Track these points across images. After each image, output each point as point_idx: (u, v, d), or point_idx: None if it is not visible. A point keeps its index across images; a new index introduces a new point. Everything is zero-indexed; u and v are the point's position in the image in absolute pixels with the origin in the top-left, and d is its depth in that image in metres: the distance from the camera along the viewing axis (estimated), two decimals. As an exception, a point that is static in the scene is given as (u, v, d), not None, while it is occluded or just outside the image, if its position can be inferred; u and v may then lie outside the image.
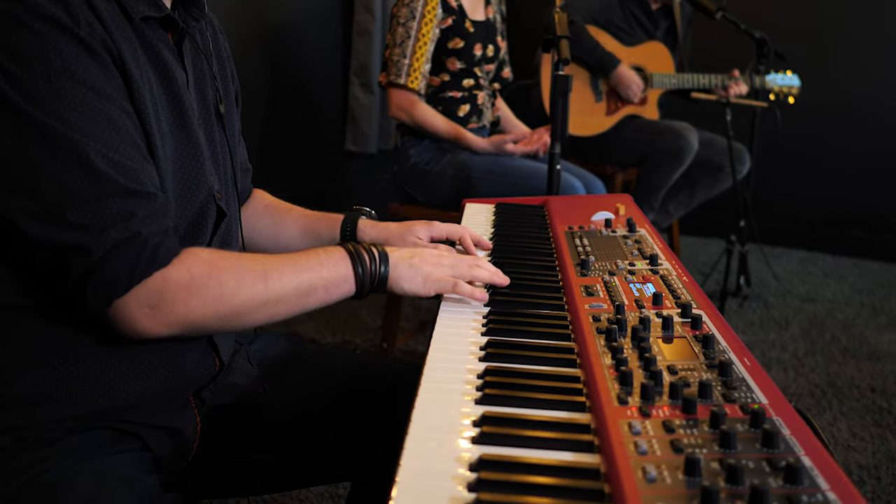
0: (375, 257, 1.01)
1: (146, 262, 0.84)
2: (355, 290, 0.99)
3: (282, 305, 0.94)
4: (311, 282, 0.95)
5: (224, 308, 0.89)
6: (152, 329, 0.86)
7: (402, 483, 0.66)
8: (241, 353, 1.16)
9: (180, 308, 0.86)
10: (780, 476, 0.63)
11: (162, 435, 0.96)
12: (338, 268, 0.98)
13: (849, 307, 3.23)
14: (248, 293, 0.90)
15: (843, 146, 3.96)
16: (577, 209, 1.55)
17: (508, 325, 1.00)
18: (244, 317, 0.92)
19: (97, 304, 0.83)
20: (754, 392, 0.78)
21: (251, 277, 0.91)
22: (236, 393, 1.10)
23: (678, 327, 0.95)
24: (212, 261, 0.90)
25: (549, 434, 0.74)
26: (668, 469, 0.65)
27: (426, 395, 0.82)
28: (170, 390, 0.97)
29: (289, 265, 0.95)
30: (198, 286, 0.87)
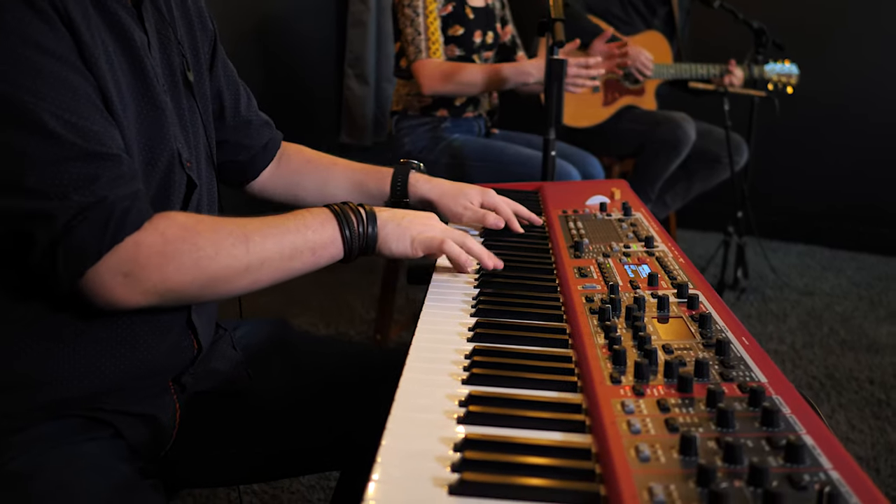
0: (363, 218, 0.96)
1: (115, 227, 0.79)
2: (343, 252, 0.95)
3: (265, 270, 0.89)
4: (296, 244, 0.91)
5: (203, 274, 0.84)
6: (128, 298, 0.81)
7: (384, 464, 0.62)
8: (225, 338, 1.13)
9: (155, 274, 0.81)
10: (781, 455, 0.60)
11: (137, 422, 0.92)
12: (324, 230, 0.93)
13: (847, 300, 3.20)
14: (227, 258, 0.86)
15: (841, 139, 3.93)
16: (572, 194, 1.52)
17: (498, 307, 0.96)
18: (225, 283, 0.87)
19: (69, 276, 0.78)
20: (753, 371, 0.74)
21: (231, 241, 0.86)
22: (219, 379, 1.06)
23: (674, 307, 0.91)
24: (187, 224, 0.85)
25: (538, 414, 0.70)
26: (663, 448, 0.61)
27: (411, 375, 0.78)
28: (145, 376, 0.93)
29: (271, 227, 0.90)
30: (173, 251, 0.82)
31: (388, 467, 0.62)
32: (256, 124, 1.20)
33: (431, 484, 0.60)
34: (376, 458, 0.62)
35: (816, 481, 0.56)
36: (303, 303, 3.01)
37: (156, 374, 0.95)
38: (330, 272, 3.79)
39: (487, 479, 0.60)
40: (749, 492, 0.55)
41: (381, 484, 0.59)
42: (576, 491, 0.59)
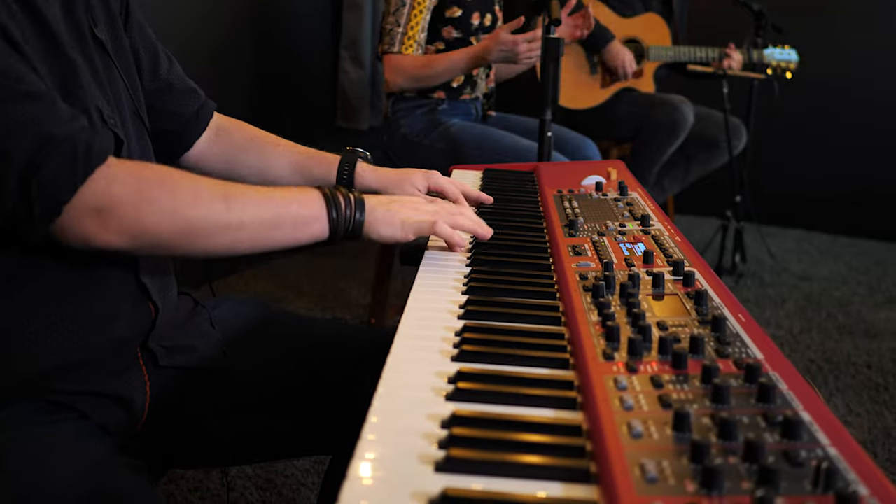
0: (351, 203, 0.94)
1: (84, 159, 0.77)
2: (328, 233, 0.93)
3: (244, 234, 0.86)
4: (279, 215, 0.88)
5: (179, 221, 0.82)
6: (102, 237, 0.79)
7: (368, 441, 0.60)
8: (203, 314, 1.11)
9: (130, 212, 0.79)
10: (777, 431, 0.58)
11: (104, 402, 0.90)
12: (311, 206, 0.91)
13: (845, 285, 3.19)
14: (206, 210, 0.83)
15: (841, 123, 3.91)
16: (568, 174, 1.50)
17: (490, 284, 0.94)
18: (203, 237, 0.84)
19: (46, 215, 0.76)
20: (749, 347, 0.73)
21: (209, 195, 0.84)
22: (195, 356, 1.04)
23: (669, 285, 0.89)
24: (163, 170, 0.84)
25: (529, 391, 0.68)
26: (656, 424, 0.60)
27: (399, 352, 0.76)
28: (106, 346, 0.90)
29: (254, 193, 0.88)
30: (148, 191, 0.80)
31: (373, 445, 0.60)
32: (179, 89, 1.15)
33: (418, 461, 0.58)
34: (360, 435, 0.61)
35: (814, 457, 0.54)
36: (297, 288, 2.99)
37: (117, 342, 0.92)
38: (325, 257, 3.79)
39: (474, 455, 0.58)
40: (744, 468, 0.54)
41: (364, 462, 0.57)
42: (566, 468, 0.57)
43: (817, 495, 0.50)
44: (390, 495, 0.54)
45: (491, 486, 0.55)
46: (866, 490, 0.51)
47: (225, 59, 3.00)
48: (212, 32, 2.91)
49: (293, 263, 3.27)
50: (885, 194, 3.88)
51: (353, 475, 0.56)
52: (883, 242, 3.84)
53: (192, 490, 1.78)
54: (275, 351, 1.12)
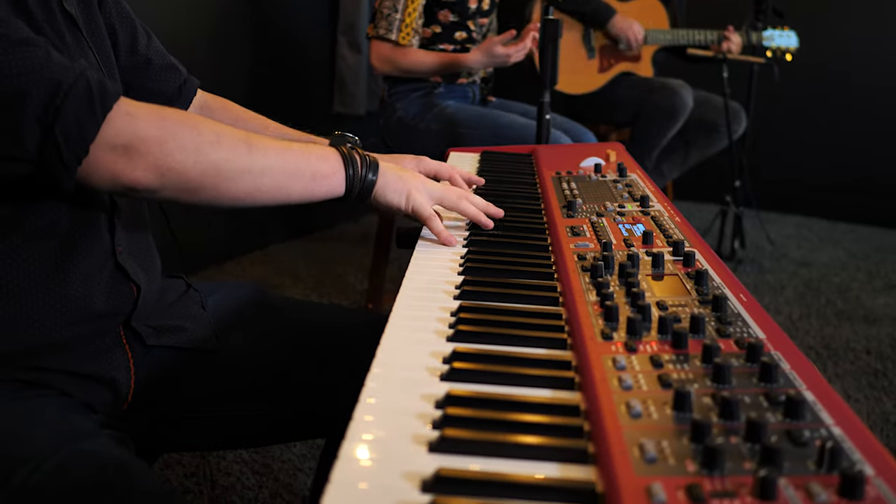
0: (367, 162, 0.96)
1: (101, 95, 0.76)
2: (343, 189, 0.94)
3: (266, 180, 0.87)
4: (299, 164, 0.90)
5: (204, 160, 0.82)
6: (131, 174, 0.78)
7: (359, 421, 0.59)
8: (194, 297, 1.09)
9: (156, 148, 0.79)
10: (780, 411, 0.56)
11: (86, 383, 0.88)
12: (328, 161, 0.93)
13: (844, 271, 3.17)
14: (229, 152, 0.84)
15: (842, 108, 3.88)
16: (567, 156, 1.48)
17: (487, 265, 0.93)
18: (227, 180, 0.85)
19: (75, 156, 0.75)
20: (751, 327, 0.71)
21: (231, 139, 0.85)
22: (184, 337, 1.02)
23: (669, 265, 0.88)
24: (183, 113, 0.85)
25: (525, 371, 0.67)
26: (656, 404, 0.58)
27: (393, 331, 0.75)
28: (86, 325, 0.88)
29: (273, 142, 0.89)
30: (172, 128, 0.80)
31: (366, 425, 0.59)
32: (159, 65, 1.12)
33: (411, 441, 0.57)
34: (353, 416, 0.59)
35: (817, 437, 0.53)
36: (294, 274, 2.98)
37: (96, 322, 0.90)
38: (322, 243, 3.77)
39: (469, 435, 0.56)
40: (746, 448, 0.52)
41: (357, 443, 0.56)
42: (563, 448, 0.56)
43: (821, 475, 0.49)
44: (383, 476, 0.52)
45: (486, 467, 0.54)
46: (872, 470, 0.49)
47: (222, 45, 2.96)
48: (209, 18, 2.88)
49: (290, 249, 3.26)
50: (885, 181, 3.86)
51: (344, 456, 0.54)
52: (882, 229, 3.82)
53: (189, 475, 1.77)
54: (269, 335, 1.10)
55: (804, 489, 0.48)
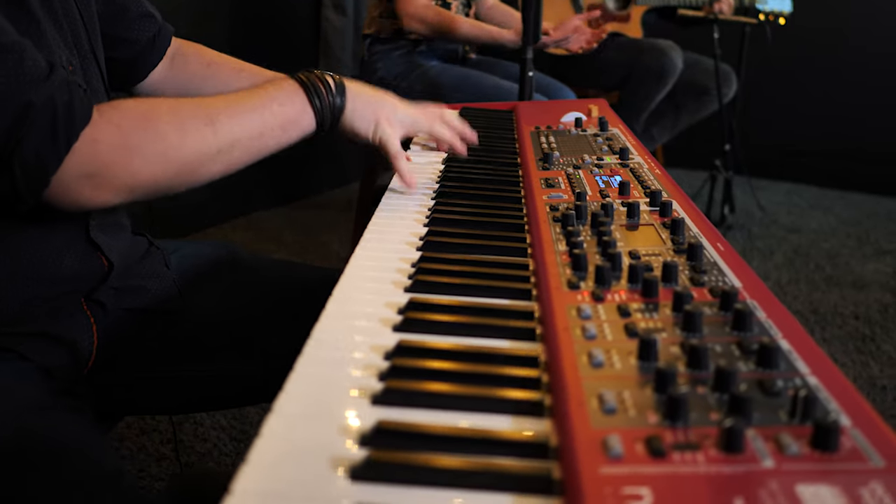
0: (332, 87, 0.90)
1: (66, 126, 0.70)
2: (315, 124, 0.89)
3: (237, 152, 0.83)
4: (265, 121, 0.84)
5: (172, 164, 0.78)
6: (98, 198, 0.74)
7: (299, 373, 0.55)
8: (157, 256, 1.04)
9: (121, 171, 0.74)
10: (753, 360, 0.52)
11: (44, 344, 0.84)
12: (293, 102, 0.87)
13: (834, 237, 3.14)
14: (195, 143, 0.79)
15: (835, 72, 3.82)
16: (548, 112, 1.43)
17: (455, 216, 0.88)
18: (198, 170, 0.81)
19: (33, 191, 0.71)
20: (727, 276, 0.67)
21: (195, 124, 0.80)
22: (147, 298, 0.97)
23: (645, 215, 0.83)
24: (142, 111, 0.78)
25: (484, 320, 0.63)
26: (619, 354, 0.54)
27: (348, 282, 0.70)
28: (50, 294, 0.84)
29: (236, 105, 0.83)
30: (136, 143, 0.75)
31: (306, 377, 0.54)
32: (135, 13, 1.06)
33: (355, 393, 0.52)
34: (293, 367, 0.55)
35: (791, 387, 0.49)
36: (278, 240, 2.93)
37: (62, 292, 0.86)
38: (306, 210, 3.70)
39: (416, 387, 0.52)
40: (714, 398, 0.48)
41: (292, 396, 0.52)
42: (517, 400, 0.51)
43: (794, 426, 0.45)
44: (318, 430, 0.48)
45: (432, 420, 0.50)
46: (848, 420, 0.45)
47: (203, 7, 2.88)
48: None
49: (275, 216, 3.20)
50: (876, 148, 3.81)
51: (278, 409, 0.50)
52: (873, 196, 3.78)
53: (165, 442, 1.74)
54: (237, 292, 1.05)
55: (774, 440, 0.43)
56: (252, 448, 0.45)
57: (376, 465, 0.44)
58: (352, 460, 0.44)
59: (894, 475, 0.40)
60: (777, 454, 0.42)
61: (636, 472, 0.41)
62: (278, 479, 0.43)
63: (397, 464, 0.44)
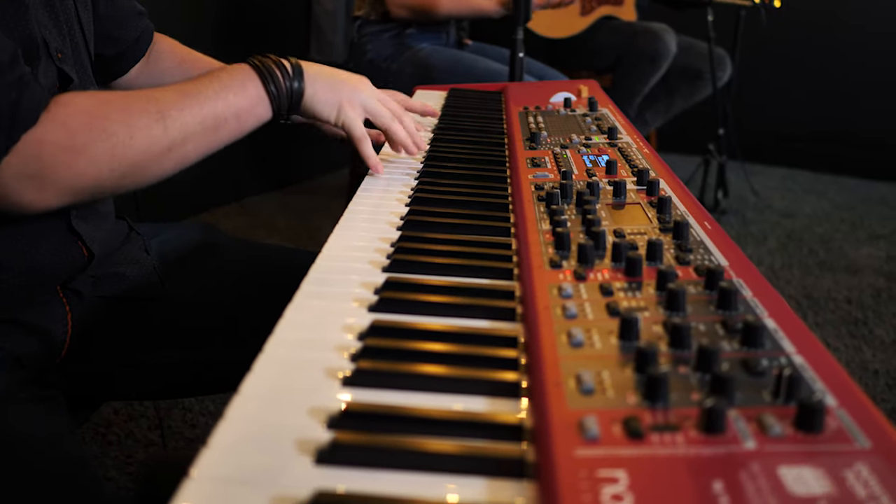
0: (288, 71, 0.86)
1: (8, 128, 0.68)
2: (271, 111, 0.85)
3: (189, 146, 0.79)
4: (218, 112, 0.81)
5: (120, 163, 0.74)
6: (42, 202, 0.72)
7: (268, 354, 0.53)
8: (137, 241, 1.02)
9: (65, 172, 0.71)
10: (737, 339, 0.50)
11: (13, 332, 0.81)
12: (246, 91, 0.83)
13: (828, 222, 3.13)
14: (144, 140, 0.76)
15: (831, 56, 3.79)
16: (537, 93, 1.40)
17: (438, 196, 0.86)
18: (148, 168, 0.77)
19: None
20: (713, 254, 0.65)
21: (145, 120, 0.76)
22: (125, 284, 0.95)
23: (632, 194, 0.81)
24: (91, 108, 0.75)
25: (463, 300, 0.61)
26: (600, 333, 0.52)
27: (324, 262, 0.68)
28: (25, 282, 0.82)
29: (188, 97, 0.79)
30: (82, 144, 0.72)
31: (276, 359, 0.52)
32: (128, 12, 1.05)
33: (324, 375, 0.50)
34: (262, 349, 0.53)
35: (776, 366, 0.47)
36: (270, 226, 2.90)
37: (36, 282, 0.84)
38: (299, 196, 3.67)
39: (389, 368, 0.50)
40: (696, 378, 0.46)
41: (259, 378, 0.50)
42: (492, 381, 0.50)
43: (778, 406, 0.43)
44: (285, 412, 0.46)
45: (406, 402, 0.48)
46: (835, 400, 0.43)
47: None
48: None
49: (267, 202, 3.18)
50: (871, 133, 3.80)
51: (244, 391, 0.48)
52: (867, 180, 3.77)
53: (153, 428, 1.73)
54: (220, 277, 1.03)
55: (757, 421, 0.42)
56: (214, 431, 0.43)
57: (342, 447, 0.42)
58: (319, 444, 0.43)
59: (880, 456, 0.38)
60: (759, 435, 0.41)
61: (612, 454, 0.39)
62: (240, 463, 0.41)
63: (364, 446, 0.42)
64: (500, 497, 0.40)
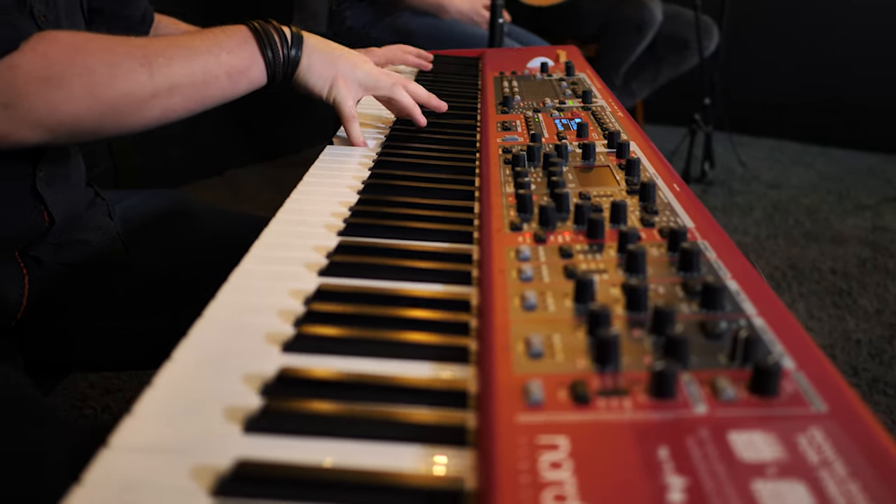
0: (287, 39, 0.83)
1: None
2: (266, 77, 0.82)
3: (176, 98, 0.76)
4: (209, 68, 0.77)
5: (100, 102, 0.71)
6: (14, 133, 0.68)
7: (207, 319, 0.50)
8: (101, 207, 0.99)
9: (40, 103, 0.68)
10: (696, 301, 0.48)
11: None
12: (241, 50, 0.80)
13: (814, 193, 3.11)
14: (127, 83, 0.72)
15: (819, 23, 3.75)
16: (516, 59, 1.37)
17: (403, 159, 0.83)
18: (130, 114, 0.74)
19: None
20: (680, 216, 0.63)
21: (129, 63, 0.73)
22: (87, 251, 0.92)
23: (601, 157, 0.79)
24: (75, 43, 0.72)
25: (418, 264, 0.58)
26: (555, 296, 0.50)
27: (278, 226, 0.66)
28: None
29: (178, 48, 0.76)
30: (59, 75, 0.69)
31: (214, 324, 0.50)
32: None
33: (264, 340, 0.48)
34: (202, 314, 0.50)
35: (736, 329, 0.45)
36: (254, 199, 2.86)
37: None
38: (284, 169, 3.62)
39: (333, 332, 0.48)
40: (650, 341, 0.44)
41: (194, 344, 0.47)
42: (439, 346, 0.47)
43: (733, 369, 0.41)
44: (217, 380, 0.44)
45: (348, 367, 0.45)
46: (793, 363, 0.41)
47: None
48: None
49: (251, 175, 3.14)
50: (858, 103, 3.77)
51: (177, 358, 0.45)
52: (855, 151, 3.74)
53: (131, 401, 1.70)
54: (189, 245, 1.00)
55: (710, 385, 0.40)
56: (139, 399, 0.41)
57: (272, 415, 0.39)
58: (249, 411, 0.40)
59: (835, 420, 0.36)
60: (711, 399, 0.39)
61: (554, 419, 0.37)
62: (163, 433, 0.39)
63: (294, 413, 0.40)
64: (438, 466, 0.38)
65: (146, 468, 0.37)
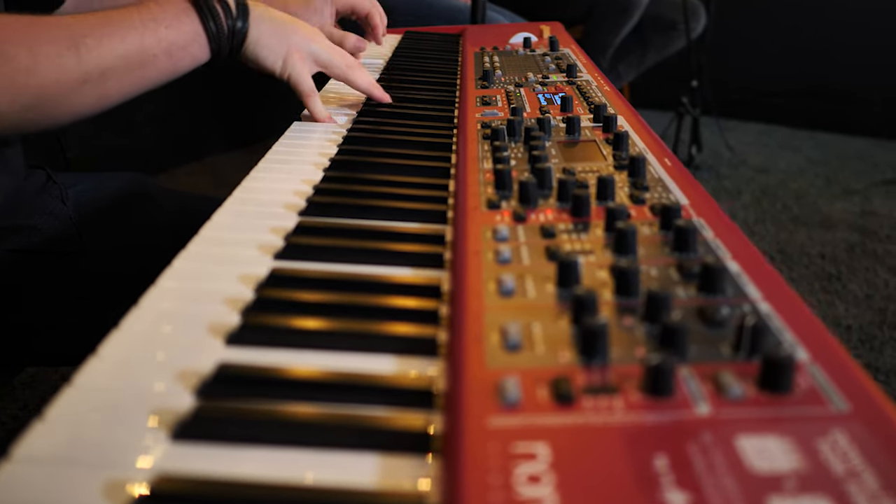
0: (231, 9, 0.76)
1: None
2: (209, 52, 0.75)
3: (111, 83, 0.69)
4: (145, 47, 0.70)
5: (22, 92, 0.64)
6: None
7: (143, 308, 0.44)
8: (52, 191, 0.92)
9: None
10: (694, 285, 0.43)
11: None
12: (181, 24, 0.73)
13: (802, 177, 3.07)
14: (51, 69, 0.65)
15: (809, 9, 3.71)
16: (498, 35, 1.31)
17: (375, 135, 0.77)
18: (59, 103, 0.67)
19: None
20: (672, 192, 0.57)
21: (53, 48, 0.66)
22: (38, 238, 0.86)
23: (587, 131, 0.73)
24: None
25: (384, 245, 0.53)
26: (536, 280, 0.44)
27: (233, 206, 0.60)
28: None
29: (108, 26, 0.69)
30: None
31: (149, 313, 0.44)
32: None
33: (206, 332, 0.42)
34: (139, 303, 0.45)
35: (739, 315, 0.40)
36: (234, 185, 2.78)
37: None
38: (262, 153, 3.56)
39: (282, 323, 0.42)
40: (643, 330, 0.39)
41: (123, 338, 0.41)
42: (404, 337, 0.42)
43: (738, 362, 0.36)
44: (145, 379, 0.38)
45: (296, 361, 0.40)
46: (807, 354, 0.36)
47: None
48: None
49: (230, 160, 3.06)
50: (847, 87, 3.73)
51: (102, 353, 0.40)
52: (843, 135, 3.71)
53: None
54: (148, 230, 0.94)
55: (713, 380, 0.34)
56: (52, 402, 0.35)
57: (205, 420, 0.34)
58: (180, 415, 0.35)
59: (860, 421, 0.31)
60: (715, 398, 0.33)
61: (533, 423, 0.32)
62: (76, 440, 0.33)
63: (231, 418, 0.34)
64: (395, 477, 0.32)
65: (51, 482, 0.31)
